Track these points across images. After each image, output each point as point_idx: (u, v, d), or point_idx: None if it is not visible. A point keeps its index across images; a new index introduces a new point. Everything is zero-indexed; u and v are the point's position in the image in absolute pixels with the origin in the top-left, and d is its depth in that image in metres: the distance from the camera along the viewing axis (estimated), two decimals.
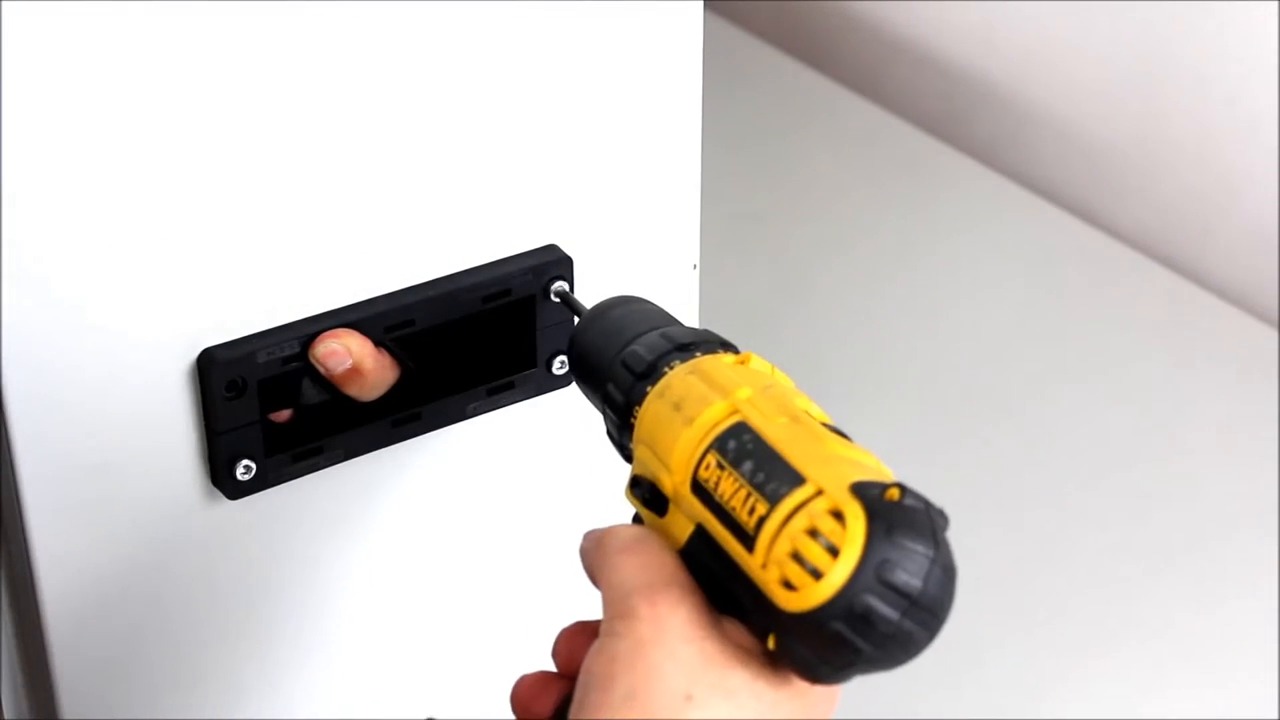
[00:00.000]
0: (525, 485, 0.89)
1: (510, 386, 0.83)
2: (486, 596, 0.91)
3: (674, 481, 0.64)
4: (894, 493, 0.59)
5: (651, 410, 0.67)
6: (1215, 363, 1.62)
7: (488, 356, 0.83)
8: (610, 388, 0.70)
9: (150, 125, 0.71)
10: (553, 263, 0.82)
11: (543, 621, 0.93)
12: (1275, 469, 1.48)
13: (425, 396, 0.82)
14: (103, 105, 0.69)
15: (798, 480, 0.60)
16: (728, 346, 0.69)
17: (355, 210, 0.77)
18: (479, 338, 0.82)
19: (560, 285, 0.81)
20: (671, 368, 0.68)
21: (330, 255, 0.77)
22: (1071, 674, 1.32)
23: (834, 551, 0.58)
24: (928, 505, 0.59)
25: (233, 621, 0.82)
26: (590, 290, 0.84)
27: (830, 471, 0.60)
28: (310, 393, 0.80)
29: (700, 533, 0.63)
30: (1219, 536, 1.43)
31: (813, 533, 0.59)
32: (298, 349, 0.77)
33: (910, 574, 0.58)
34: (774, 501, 0.60)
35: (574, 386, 0.85)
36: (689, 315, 0.89)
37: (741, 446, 0.62)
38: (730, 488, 0.62)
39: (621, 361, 0.70)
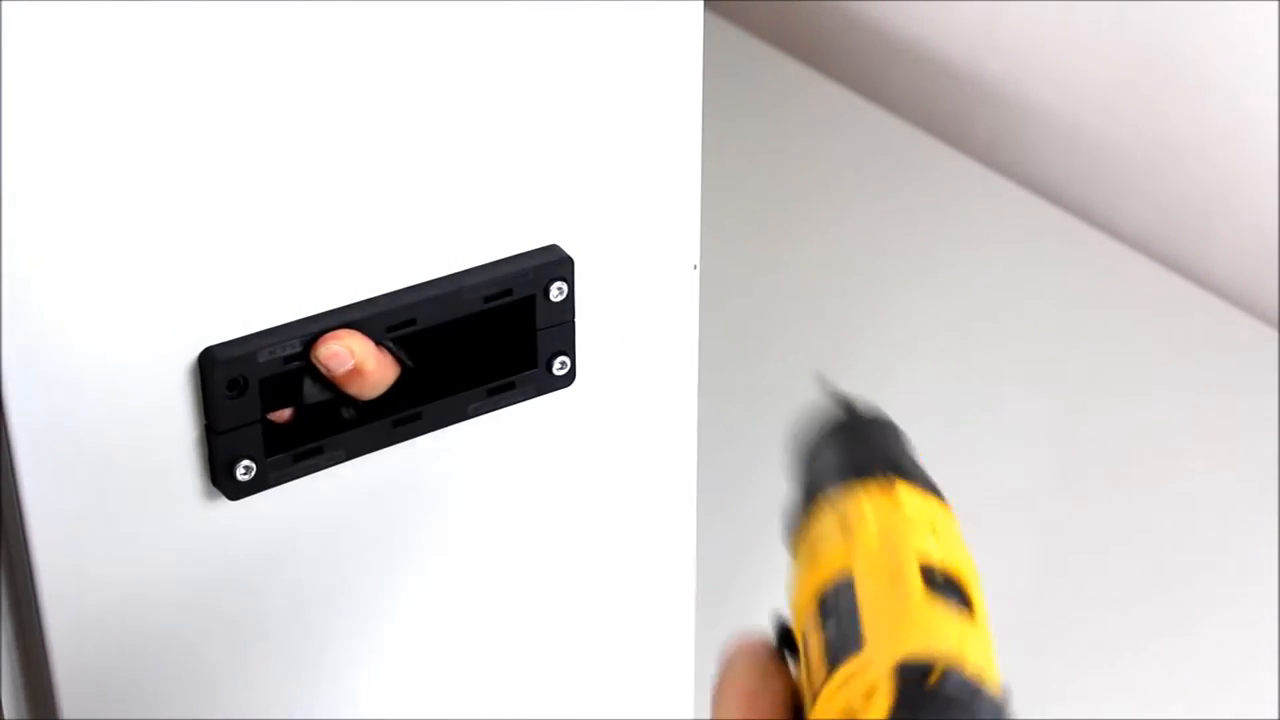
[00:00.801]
0: (526, 485, 0.89)
1: (511, 386, 0.83)
2: (487, 595, 0.91)
3: (797, 628, 0.62)
4: (936, 677, 0.55)
5: (800, 544, 0.64)
6: (1215, 363, 1.62)
7: (488, 356, 0.83)
8: (798, 498, 0.67)
9: (151, 124, 0.71)
10: (554, 263, 0.82)
11: (544, 621, 0.93)
12: (1275, 469, 1.48)
13: (425, 396, 0.82)
14: (103, 104, 0.69)
15: (857, 647, 0.57)
16: (900, 472, 0.66)
17: (356, 209, 0.77)
18: (480, 337, 0.82)
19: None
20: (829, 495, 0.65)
21: (331, 254, 0.77)
22: (1070, 674, 1.32)
23: None
24: (973, 692, 0.55)
25: (233, 622, 0.82)
26: (590, 290, 0.84)
27: (892, 640, 0.57)
28: (311, 392, 0.80)
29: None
30: (1219, 537, 1.43)
31: (848, 712, 0.56)
32: (299, 348, 0.77)
33: None
34: (831, 668, 0.57)
35: (575, 387, 0.85)
36: (689, 316, 0.89)
37: (837, 602, 0.59)
38: (816, 645, 0.59)
39: (817, 482, 0.67)
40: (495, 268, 0.81)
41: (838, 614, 0.59)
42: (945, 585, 0.60)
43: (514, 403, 0.84)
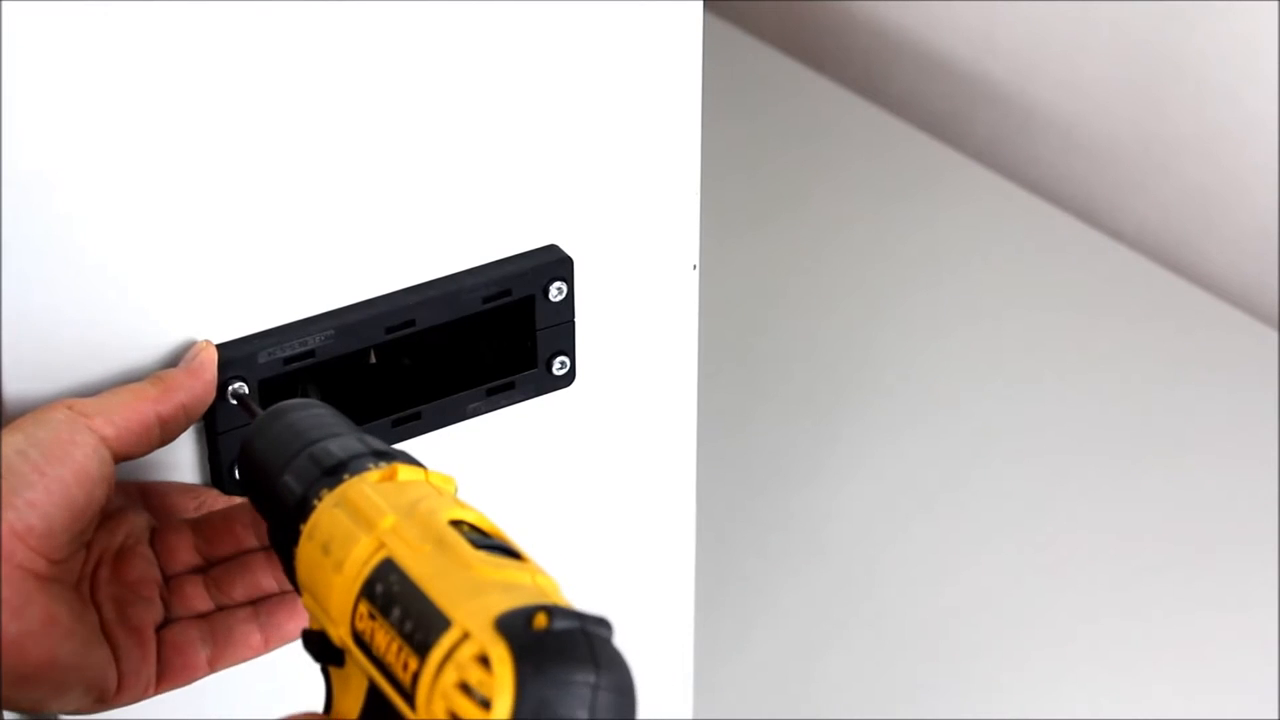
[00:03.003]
0: (525, 485, 0.89)
1: (510, 386, 0.83)
2: None
3: (338, 634, 0.60)
4: (541, 619, 0.54)
5: (305, 555, 0.62)
6: (1215, 363, 1.62)
7: (488, 356, 0.83)
8: (272, 528, 0.66)
9: (152, 124, 0.71)
10: (553, 263, 0.82)
11: None
12: (1275, 469, 1.48)
13: (425, 396, 0.82)
14: (103, 102, 0.69)
15: (444, 624, 0.55)
16: (381, 456, 0.65)
17: (356, 211, 0.77)
18: (479, 338, 0.82)
19: (240, 388, 0.76)
20: (320, 499, 0.63)
21: (331, 255, 0.77)
22: (1071, 674, 1.32)
23: (487, 704, 0.53)
24: (582, 621, 0.54)
25: None
26: (590, 290, 0.84)
27: (476, 606, 0.55)
28: (311, 393, 0.80)
29: (374, 690, 0.59)
30: (1219, 536, 1.43)
31: (464, 687, 0.54)
32: (298, 349, 0.77)
33: (573, 708, 0.53)
34: (423, 653, 0.55)
35: (574, 386, 0.85)
36: (688, 315, 0.89)
37: (389, 590, 0.58)
38: (384, 640, 0.58)
39: (277, 494, 0.65)
40: (494, 268, 0.81)
41: (400, 601, 0.57)
42: (487, 541, 0.59)
43: (514, 403, 0.84)
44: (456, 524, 0.60)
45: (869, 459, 1.50)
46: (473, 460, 0.86)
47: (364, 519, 0.61)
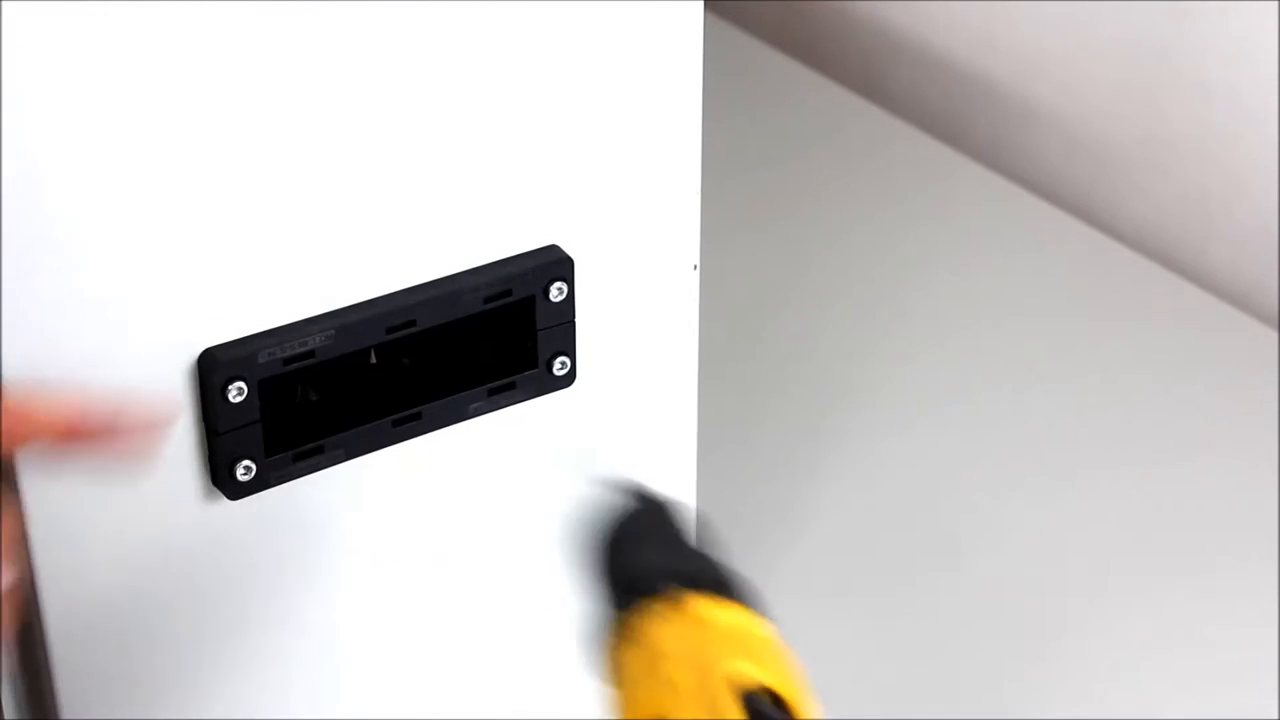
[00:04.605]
0: (525, 485, 0.89)
1: (511, 386, 0.84)
2: (486, 596, 0.91)
3: None
4: None
5: (611, 668, 0.65)
6: (1215, 363, 1.61)
7: (489, 356, 0.83)
8: (601, 611, 0.68)
9: (152, 125, 0.71)
10: (553, 263, 0.82)
11: (542, 621, 0.93)
12: (1275, 469, 1.48)
13: (425, 396, 0.82)
14: (103, 103, 0.69)
15: None
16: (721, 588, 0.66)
17: (356, 210, 0.77)
18: (480, 338, 0.82)
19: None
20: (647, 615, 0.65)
21: (331, 255, 0.77)
22: (1071, 674, 1.32)
23: None
24: None
25: (233, 622, 0.82)
26: (591, 290, 0.84)
27: None
28: (311, 392, 0.80)
29: None
30: (1219, 537, 1.43)
31: None
32: (298, 349, 0.77)
33: None
34: None
35: (574, 387, 0.85)
36: (688, 315, 0.89)
37: None
38: None
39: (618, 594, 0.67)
40: (495, 268, 0.81)
41: None
42: (767, 708, 0.60)
43: (514, 403, 0.84)
44: (742, 690, 0.61)
45: (869, 459, 1.49)
46: (473, 460, 0.86)
47: (653, 663, 0.63)
